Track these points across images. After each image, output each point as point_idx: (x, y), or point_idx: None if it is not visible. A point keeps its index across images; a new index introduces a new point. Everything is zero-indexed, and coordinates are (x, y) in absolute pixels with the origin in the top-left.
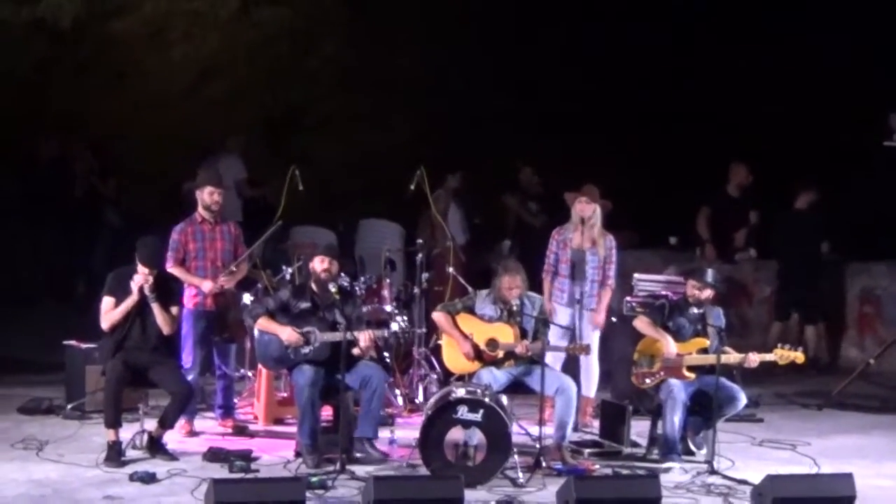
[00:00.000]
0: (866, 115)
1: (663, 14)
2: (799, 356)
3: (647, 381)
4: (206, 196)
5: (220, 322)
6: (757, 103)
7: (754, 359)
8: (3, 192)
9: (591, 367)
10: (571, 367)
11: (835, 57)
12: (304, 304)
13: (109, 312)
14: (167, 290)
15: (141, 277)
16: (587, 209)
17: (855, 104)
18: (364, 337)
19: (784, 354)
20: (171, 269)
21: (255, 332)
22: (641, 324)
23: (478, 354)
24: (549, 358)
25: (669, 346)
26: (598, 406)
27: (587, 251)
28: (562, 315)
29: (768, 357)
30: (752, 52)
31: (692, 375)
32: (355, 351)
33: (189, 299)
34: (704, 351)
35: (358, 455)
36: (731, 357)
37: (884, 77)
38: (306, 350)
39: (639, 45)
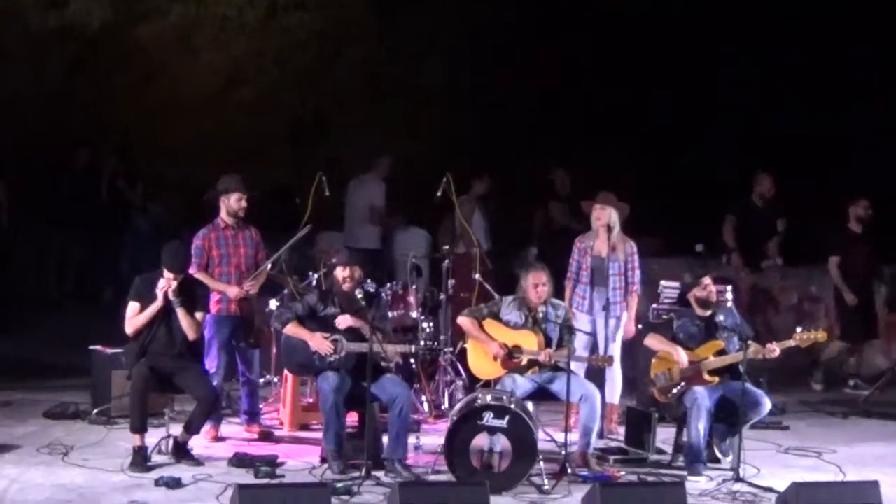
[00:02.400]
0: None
1: (690, 18)
2: (822, 335)
3: (670, 393)
4: (234, 202)
5: (245, 328)
6: (787, 109)
7: (773, 348)
8: (32, 197)
9: (614, 374)
10: (595, 373)
11: (870, 63)
12: (331, 310)
13: (134, 318)
14: (192, 295)
15: (165, 283)
16: (603, 215)
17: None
18: (391, 351)
19: (805, 337)
20: (196, 274)
21: (282, 337)
22: (652, 341)
23: (506, 355)
24: (573, 364)
25: (679, 356)
26: (623, 413)
27: (608, 258)
28: (583, 322)
29: (789, 343)
30: (786, 56)
31: (715, 379)
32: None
33: (213, 305)
34: (722, 352)
35: (390, 475)
36: (751, 350)
37: None
38: (332, 358)
39: (667, 52)
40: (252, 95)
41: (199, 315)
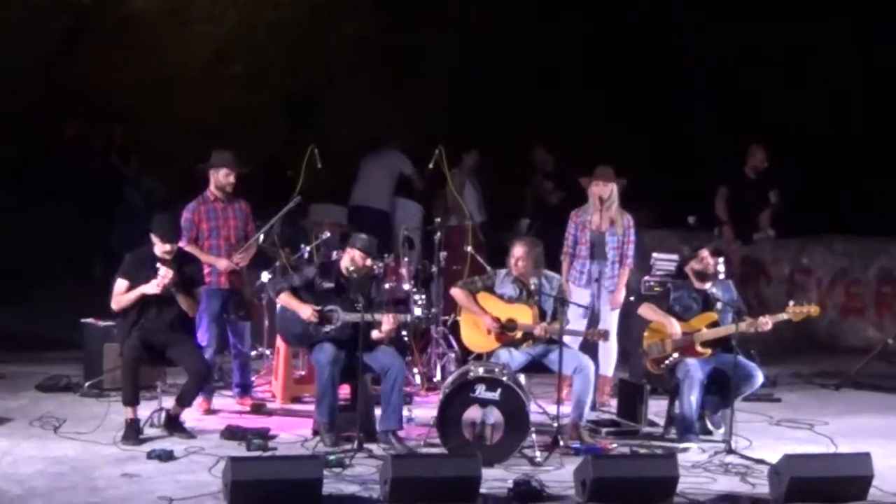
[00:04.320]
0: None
1: None
2: (814, 309)
3: (663, 364)
4: (222, 177)
5: (235, 300)
6: (780, 83)
7: (766, 321)
8: (25, 169)
9: (608, 346)
10: (589, 345)
11: (866, 38)
12: (329, 284)
13: (121, 295)
14: (187, 275)
15: (161, 283)
16: (605, 190)
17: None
18: (387, 320)
19: (798, 311)
20: (186, 247)
21: (278, 307)
22: (646, 310)
23: (501, 327)
24: (568, 336)
25: (673, 327)
26: (615, 385)
27: (606, 232)
28: (581, 296)
29: (782, 316)
30: (778, 31)
31: (708, 351)
32: (376, 334)
33: (203, 277)
34: (715, 324)
35: (383, 447)
36: (744, 324)
37: None
38: (328, 328)
39: (660, 26)
40: (244, 69)
41: (197, 292)
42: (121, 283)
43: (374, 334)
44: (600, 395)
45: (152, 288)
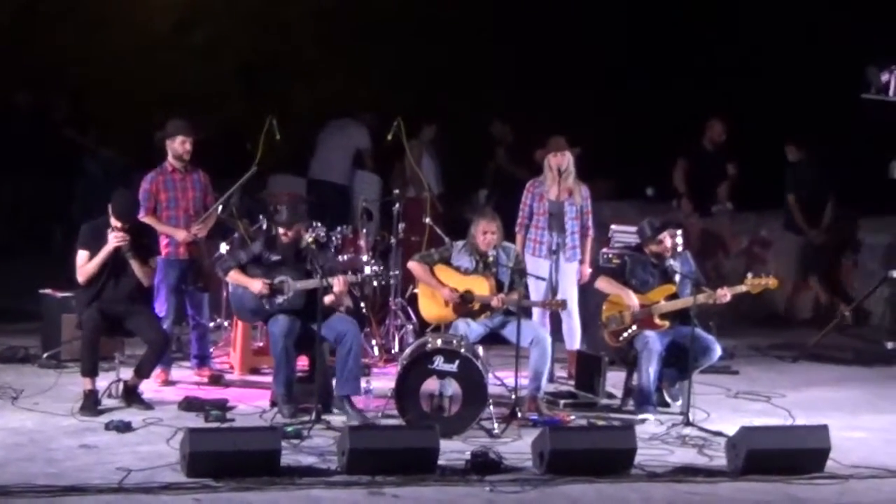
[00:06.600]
0: (845, 68)
1: None
2: (773, 281)
3: (622, 337)
4: (178, 145)
5: (193, 271)
6: (737, 56)
7: (723, 292)
8: None
9: (572, 320)
10: (557, 318)
11: (812, 11)
12: (276, 256)
13: (84, 265)
14: (143, 244)
15: (117, 237)
16: (562, 161)
17: (833, 57)
18: (338, 282)
19: (756, 283)
20: (144, 218)
21: (230, 286)
22: (603, 283)
23: (457, 299)
24: (536, 311)
25: (631, 299)
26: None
27: (565, 202)
28: (540, 267)
29: (740, 289)
30: (732, 4)
31: (666, 323)
32: (329, 298)
33: (162, 248)
34: (674, 296)
35: (335, 411)
36: (702, 295)
37: (861, 30)
38: (280, 300)
39: None
40: (203, 39)
41: (152, 262)
42: (82, 254)
43: (328, 299)
44: (571, 367)
45: (111, 243)
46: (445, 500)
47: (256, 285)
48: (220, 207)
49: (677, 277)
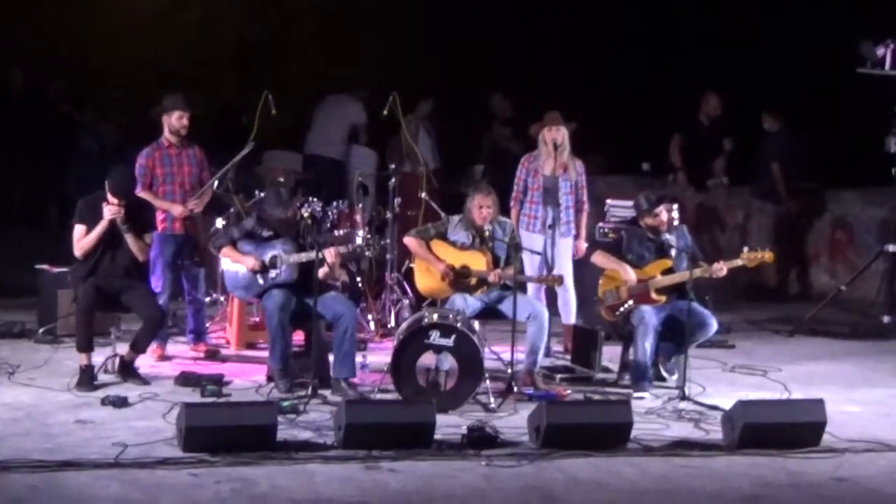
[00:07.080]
0: (840, 42)
1: None
2: (768, 255)
3: (618, 311)
4: (175, 120)
5: (189, 246)
6: (732, 30)
7: (719, 266)
8: None
9: (568, 294)
10: (553, 292)
11: None
12: (268, 232)
13: (81, 240)
14: (139, 218)
15: (112, 210)
16: (558, 135)
17: (829, 32)
18: (329, 253)
19: (751, 257)
20: (141, 193)
21: (221, 266)
22: (599, 258)
23: (455, 274)
24: (531, 285)
25: (627, 274)
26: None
27: (560, 177)
28: (534, 242)
29: (736, 262)
30: None
31: (662, 298)
32: (323, 271)
33: (158, 224)
34: (670, 271)
35: (335, 394)
36: (698, 269)
37: (856, 4)
38: (273, 274)
39: None
40: (198, 16)
41: (147, 237)
42: (79, 229)
43: (322, 272)
44: (567, 341)
45: (106, 217)
46: (442, 475)
47: (249, 261)
48: (216, 183)
49: (673, 252)
